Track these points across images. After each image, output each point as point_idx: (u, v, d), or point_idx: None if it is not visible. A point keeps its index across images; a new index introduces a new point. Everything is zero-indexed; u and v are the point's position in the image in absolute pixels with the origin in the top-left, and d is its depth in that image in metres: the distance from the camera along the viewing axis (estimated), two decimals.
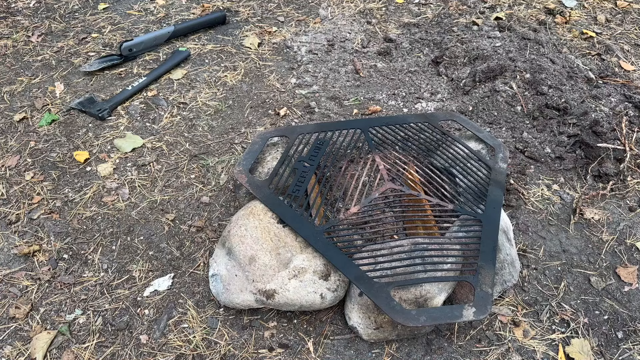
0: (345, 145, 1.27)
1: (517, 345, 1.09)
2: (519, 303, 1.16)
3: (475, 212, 1.12)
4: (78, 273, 1.23)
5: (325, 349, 1.09)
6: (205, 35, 1.98)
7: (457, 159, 1.25)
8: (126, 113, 1.65)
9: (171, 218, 1.34)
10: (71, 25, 2.03)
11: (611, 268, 1.23)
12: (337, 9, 2.12)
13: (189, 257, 1.26)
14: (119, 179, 1.44)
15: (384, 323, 1.05)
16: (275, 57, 1.88)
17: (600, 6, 2.14)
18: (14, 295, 1.19)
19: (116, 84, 1.76)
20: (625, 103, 1.61)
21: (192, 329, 1.12)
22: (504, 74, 1.69)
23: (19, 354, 1.09)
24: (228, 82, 1.77)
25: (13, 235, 1.31)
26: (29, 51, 1.91)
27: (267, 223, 1.09)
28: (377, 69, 1.82)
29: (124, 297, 1.18)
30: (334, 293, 1.04)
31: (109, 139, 1.56)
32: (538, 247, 1.27)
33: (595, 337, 1.11)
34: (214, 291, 1.10)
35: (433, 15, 2.07)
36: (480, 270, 1.01)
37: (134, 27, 2.02)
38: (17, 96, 1.72)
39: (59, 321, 1.14)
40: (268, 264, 1.05)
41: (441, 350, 1.09)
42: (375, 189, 1.16)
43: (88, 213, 1.36)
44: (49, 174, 1.46)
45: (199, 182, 1.44)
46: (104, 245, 1.29)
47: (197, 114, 1.65)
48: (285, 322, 1.13)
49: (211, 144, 1.55)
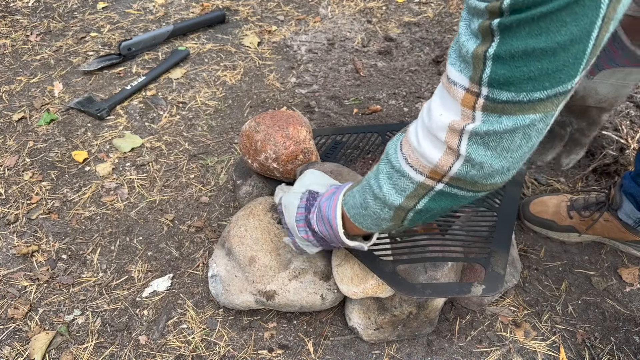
0: (361, 147, 1.27)
1: (518, 346, 1.09)
2: (520, 304, 1.16)
3: (492, 205, 1.11)
4: (77, 273, 1.23)
5: (325, 350, 1.08)
6: (204, 35, 1.97)
7: None
8: (125, 112, 1.65)
9: (170, 218, 1.34)
10: (70, 24, 2.03)
11: (612, 268, 1.22)
12: (337, 8, 2.11)
13: (188, 257, 1.26)
14: (118, 179, 1.44)
15: (385, 324, 1.05)
16: (275, 56, 1.87)
17: None
18: (12, 296, 1.19)
19: (115, 84, 1.75)
20: (626, 102, 1.61)
21: (191, 329, 1.12)
22: None
23: (17, 354, 1.08)
24: (227, 81, 1.76)
25: (12, 236, 1.31)
26: (27, 50, 1.90)
27: (267, 223, 1.09)
28: (378, 68, 1.81)
29: (122, 297, 1.18)
30: (334, 294, 1.04)
31: (108, 139, 1.56)
32: (539, 247, 1.26)
33: (595, 338, 1.10)
34: (214, 292, 1.09)
35: (434, 15, 2.06)
36: (493, 254, 1.00)
37: (133, 26, 2.01)
38: (15, 96, 1.71)
39: (57, 322, 1.14)
40: (268, 265, 1.04)
41: (442, 351, 1.08)
42: None
43: (87, 213, 1.35)
44: (48, 174, 1.46)
45: (198, 182, 1.43)
46: (103, 245, 1.28)
47: (196, 113, 1.64)
48: (285, 322, 1.13)
49: (210, 144, 1.55)
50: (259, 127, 1.09)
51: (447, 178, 0.62)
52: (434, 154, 0.60)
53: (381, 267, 0.96)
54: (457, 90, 0.55)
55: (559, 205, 1.24)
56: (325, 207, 0.82)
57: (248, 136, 1.11)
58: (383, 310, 1.04)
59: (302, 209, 0.86)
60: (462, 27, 0.54)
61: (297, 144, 1.06)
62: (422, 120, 0.62)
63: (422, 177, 0.64)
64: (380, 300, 1.03)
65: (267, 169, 1.11)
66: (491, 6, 0.48)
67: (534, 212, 1.26)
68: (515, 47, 0.48)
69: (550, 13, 0.45)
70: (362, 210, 0.75)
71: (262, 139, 1.07)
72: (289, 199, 0.90)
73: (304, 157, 1.08)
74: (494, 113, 0.53)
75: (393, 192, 0.68)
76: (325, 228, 0.83)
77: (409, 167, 0.64)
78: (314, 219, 0.84)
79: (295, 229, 0.88)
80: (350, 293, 0.99)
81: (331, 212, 0.80)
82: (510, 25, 0.47)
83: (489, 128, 0.54)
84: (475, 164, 0.58)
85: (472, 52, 0.52)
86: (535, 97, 0.51)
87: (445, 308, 1.14)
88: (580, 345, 1.09)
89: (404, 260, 0.97)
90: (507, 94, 0.51)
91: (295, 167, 1.08)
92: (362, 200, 0.74)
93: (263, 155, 1.08)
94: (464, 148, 0.57)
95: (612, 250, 1.25)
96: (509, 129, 0.54)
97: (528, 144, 0.56)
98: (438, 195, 0.65)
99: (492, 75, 0.51)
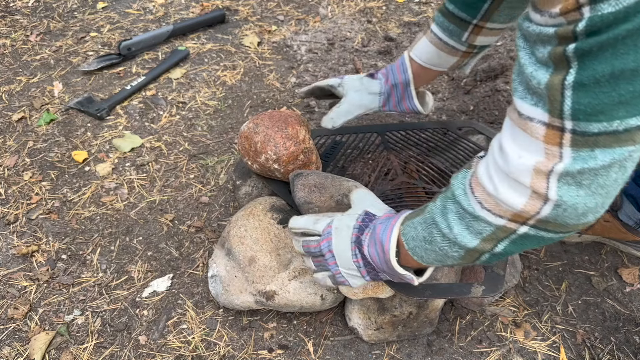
0: (360, 147, 1.27)
1: (518, 347, 1.09)
2: (520, 304, 1.16)
3: None
4: (77, 273, 1.23)
5: (325, 350, 1.08)
6: (204, 34, 1.97)
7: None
8: (125, 112, 1.65)
9: (170, 218, 1.34)
10: (70, 24, 2.02)
11: (612, 268, 1.22)
12: (337, 7, 2.11)
13: (188, 257, 1.26)
14: (118, 179, 1.44)
15: (385, 324, 1.05)
16: (275, 56, 1.87)
17: None
18: (12, 296, 1.19)
19: (115, 84, 1.75)
20: None
21: (191, 329, 1.12)
22: (505, 73, 1.68)
23: (17, 354, 1.08)
24: (227, 81, 1.76)
25: (11, 236, 1.30)
26: (27, 50, 1.90)
27: (267, 224, 1.09)
28: (378, 68, 1.81)
29: (122, 297, 1.18)
30: (334, 294, 1.03)
31: (108, 139, 1.56)
32: (539, 247, 1.26)
33: (595, 338, 1.10)
34: (214, 292, 1.09)
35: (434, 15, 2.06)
36: None
37: (133, 26, 2.01)
38: (15, 96, 1.71)
39: (57, 322, 1.14)
40: (268, 265, 1.04)
41: (442, 352, 1.08)
42: (388, 182, 1.16)
43: (87, 213, 1.35)
44: (48, 174, 1.46)
45: (198, 182, 1.43)
46: (103, 245, 1.28)
47: (196, 113, 1.64)
48: (284, 323, 1.13)
49: (210, 144, 1.54)
50: (258, 128, 1.09)
51: (533, 221, 0.56)
52: (517, 200, 0.54)
53: None
54: (536, 126, 0.50)
55: None
56: (381, 229, 0.75)
57: (247, 137, 1.10)
58: (383, 310, 1.04)
59: (356, 230, 0.79)
60: (523, 57, 0.50)
61: (297, 144, 1.06)
62: (496, 163, 0.56)
63: (503, 220, 0.57)
64: (380, 300, 1.03)
65: (267, 170, 1.11)
66: (562, 31, 0.43)
67: None
68: (600, 72, 0.43)
69: (637, 29, 0.40)
70: (425, 244, 0.69)
71: (261, 140, 1.07)
72: (343, 221, 0.82)
73: (304, 157, 1.08)
74: (585, 148, 0.48)
75: (466, 233, 0.62)
76: (376, 251, 0.76)
77: (486, 211, 0.58)
78: (366, 240, 0.77)
79: (347, 253, 0.79)
80: (350, 293, 0.99)
81: (386, 236, 0.73)
82: (590, 50, 0.43)
83: (582, 166, 0.48)
84: (567, 206, 0.52)
85: (545, 83, 0.47)
86: (632, 125, 0.45)
87: (445, 308, 1.14)
88: (580, 345, 1.09)
89: None
90: (597, 125, 0.46)
91: (296, 167, 1.08)
92: (426, 235, 0.68)
93: (263, 157, 1.08)
94: (554, 191, 0.51)
95: (612, 250, 1.25)
96: (605, 164, 0.48)
97: (623, 176, 0.50)
98: (520, 239, 0.59)
99: (574, 105, 0.46)
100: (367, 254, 0.78)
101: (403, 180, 1.17)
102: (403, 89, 1.11)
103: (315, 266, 0.87)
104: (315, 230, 0.85)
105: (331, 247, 0.81)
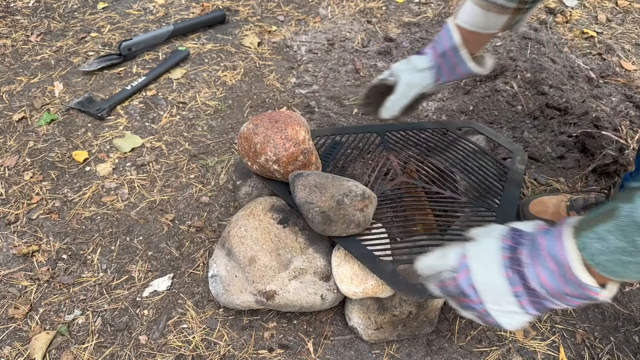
0: (360, 147, 1.28)
1: (518, 346, 1.09)
2: None
3: (490, 205, 1.11)
4: (77, 273, 1.23)
5: (325, 350, 1.08)
6: (204, 35, 1.98)
7: (474, 160, 1.24)
8: (125, 113, 1.65)
9: (170, 218, 1.34)
10: (70, 24, 2.03)
11: None
12: (337, 8, 2.11)
13: (189, 257, 1.26)
14: (118, 179, 1.44)
15: (385, 323, 1.05)
16: (275, 57, 1.87)
17: (601, 5, 2.13)
18: (13, 296, 1.19)
19: (115, 84, 1.76)
20: (626, 103, 1.61)
21: (191, 329, 1.12)
22: (505, 73, 1.69)
23: (18, 354, 1.08)
24: (227, 81, 1.76)
25: (12, 236, 1.31)
26: (28, 51, 1.90)
27: (267, 224, 1.09)
28: (378, 68, 1.81)
29: (123, 297, 1.18)
30: (334, 294, 1.04)
31: (108, 139, 1.56)
32: None
33: (595, 337, 1.11)
34: (214, 292, 1.10)
35: (434, 15, 2.06)
36: None
37: (133, 26, 2.01)
38: (16, 96, 1.72)
39: (58, 321, 1.14)
40: (268, 265, 1.04)
41: (442, 351, 1.08)
42: (388, 182, 1.17)
43: (87, 213, 1.35)
44: (48, 174, 1.46)
45: (199, 182, 1.43)
46: (103, 245, 1.29)
47: (196, 113, 1.65)
48: (285, 322, 1.13)
49: (210, 144, 1.55)
50: (257, 129, 1.09)
51: None
52: None
53: (381, 267, 0.96)
54: None
55: (559, 205, 1.24)
56: (546, 242, 0.61)
57: (247, 138, 1.11)
58: (383, 310, 1.04)
59: (507, 251, 0.64)
60: None
61: (296, 145, 1.07)
62: None
63: None
64: (380, 300, 1.03)
65: (267, 171, 1.11)
66: None
67: (534, 212, 1.27)
68: None
69: None
70: (622, 256, 0.57)
71: (261, 141, 1.07)
72: (483, 245, 0.67)
73: (304, 157, 1.08)
74: None
75: None
76: (546, 268, 0.61)
77: None
78: (526, 258, 0.62)
79: (498, 283, 0.64)
80: (350, 293, 0.99)
81: (558, 249, 0.60)
82: None
83: None
84: None
85: None
86: None
87: (445, 308, 1.14)
88: (579, 345, 1.09)
89: (404, 260, 0.98)
90: None
91: (295, 168, 1.08)
92: (626, 244, 0.56)
93: (263, 158, 1.08)
94: None
95: None
96: None
97: None
98: None
99: None
100: (530, 276, 0.62)
101: (403, 180, 1.17)
102: (452, 54, 1.04)
103: (461, 307, 0.70)
104: (447, 265, 0.70)
105: (472, 281, 0.66)
